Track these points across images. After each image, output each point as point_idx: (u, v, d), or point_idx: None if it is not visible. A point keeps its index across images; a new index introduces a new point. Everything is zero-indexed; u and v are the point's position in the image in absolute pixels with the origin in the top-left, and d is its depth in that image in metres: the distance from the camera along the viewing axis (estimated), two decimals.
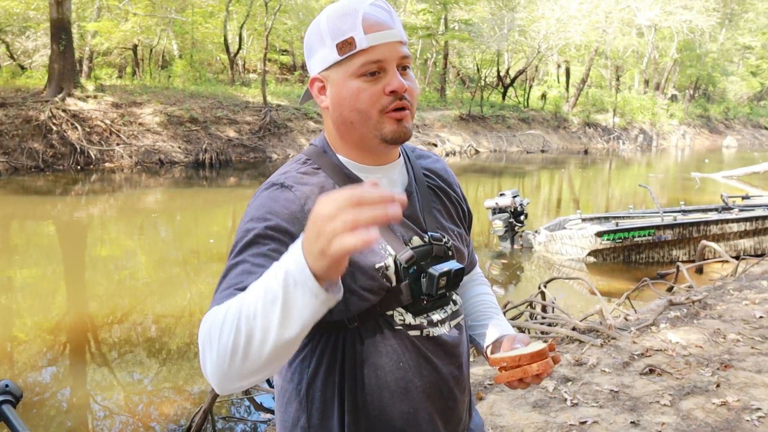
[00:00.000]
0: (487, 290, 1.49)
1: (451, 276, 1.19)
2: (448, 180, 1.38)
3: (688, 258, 8.79)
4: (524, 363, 1.15)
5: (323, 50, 1.15)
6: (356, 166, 1.22)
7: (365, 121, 1.15)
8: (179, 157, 18.43)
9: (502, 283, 8.20)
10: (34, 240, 10.38)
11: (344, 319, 1.16)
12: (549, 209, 14.43)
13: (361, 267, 1.13)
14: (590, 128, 33.80)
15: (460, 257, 1.30)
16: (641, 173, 22.99)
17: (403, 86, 1.13)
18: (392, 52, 1.13)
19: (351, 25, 1.11)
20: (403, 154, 1.31)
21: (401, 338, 1.18)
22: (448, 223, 1.31)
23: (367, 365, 1.16)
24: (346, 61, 1.13)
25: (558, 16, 30.63)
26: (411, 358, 1.18)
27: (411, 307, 1.19)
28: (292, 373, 1.21)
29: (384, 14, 1.16)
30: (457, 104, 30.05)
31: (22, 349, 5.70)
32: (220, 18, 25.91)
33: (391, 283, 1.16)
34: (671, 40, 38.30)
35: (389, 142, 1.16)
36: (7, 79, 21.07)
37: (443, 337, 1.22)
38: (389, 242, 1.18)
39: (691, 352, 4.14)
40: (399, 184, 1.27)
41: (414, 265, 1.18)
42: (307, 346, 1.19)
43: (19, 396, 1.24)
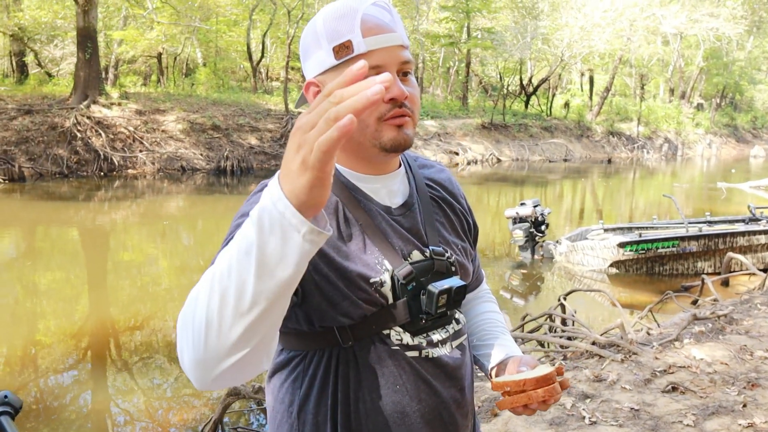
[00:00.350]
0: (494, 308, 1.42)
1: (452, 294, 1.12)
2: (453, 191, 1.31)
3: (713, 270, 8.61)
4: (529, 388, 1.07)
5: (319, 53, 1.08)
6: (354, 175, 1.15)
7: (362, 130, 1.08)
8: (201, 164, 18.57)
9: (522, 294, 8.09)
10: (58, 245, 10.50)
11: (337, 336, 1.09)
12: (571, 219, 14.25)
13: (352, 278, 1.06)
14: (614, 137, 33.45)
15: (464, 273, 1.23)
16: (666, 183, 22.66)
17: (403, 93, 1.06)
18: (392, 57, 1.06)
19: (349, 28, 1.04)
20: (404, 164, 1.25)
21: (398, 359, 1.11)
22: (451, 237, 1.24)
23: (362, 387, 1.09)
24: (342, 65, 1.06)
25: (582, 24, 30.39)
26: (409, 380, 1.11)
27: (409, 326, 1.12)
28: (284, 393, 1.15)
29: (385, 16, 1.09)
30: (479, 112, 29.92)
31: (45, 353, 5.77)
32: (244, 26, 26.15)
33: (386, 300, 1.10)
34: (697, 48, 37.83)
35: (388, 150, 1.09)
36: (34, 86, 21.45)
37: (444, 358, 1.15)
38: (386, 256, 1.11)
39: (716, 370, 4.00)
40: (399, 194, 1.19)
41: (413, 282, 1.11)
42: (299, 366, 1.13)
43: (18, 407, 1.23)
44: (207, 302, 0.79)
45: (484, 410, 3.44)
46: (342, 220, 1.10)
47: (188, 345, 0.81)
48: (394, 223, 1.14)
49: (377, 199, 1.15)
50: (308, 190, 0.74)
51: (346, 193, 1.13)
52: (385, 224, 1.13)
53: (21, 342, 5.95)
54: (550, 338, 4.72)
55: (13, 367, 5.43)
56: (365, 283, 1.07)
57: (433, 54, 34.50)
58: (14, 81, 23.35)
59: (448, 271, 1.16)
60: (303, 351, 1.13)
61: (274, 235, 0.75)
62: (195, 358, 0.81)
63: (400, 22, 1.11)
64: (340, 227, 1.09)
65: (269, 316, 0.80)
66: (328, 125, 0.71)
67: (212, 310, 0.78)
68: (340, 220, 1.10)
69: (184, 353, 0.83)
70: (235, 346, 0.80)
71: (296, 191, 0.74)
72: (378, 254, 1.10)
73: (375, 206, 1.14)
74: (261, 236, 0.76)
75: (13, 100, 17.91)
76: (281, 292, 0.78)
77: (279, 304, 0.80)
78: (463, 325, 1.24)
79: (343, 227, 1.09)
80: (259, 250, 0.76)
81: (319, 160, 0.72)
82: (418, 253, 1.14)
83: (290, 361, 1.14)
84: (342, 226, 1.09)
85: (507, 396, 1.09)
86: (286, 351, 1.16)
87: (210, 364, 0.81)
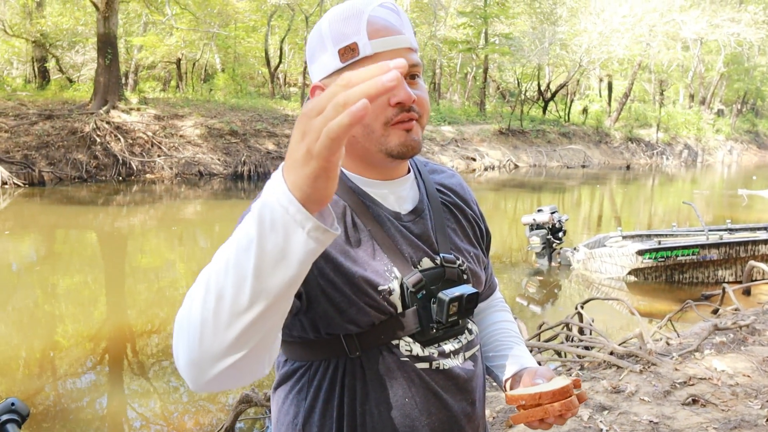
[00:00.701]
0: (508, 317, 1.37)
1: (463, 301, 1.08)
2: (464, 196, 1.27)
3: (734, 279, 8.47)
4: (545, 402, 1.03)
5: (324, 56, 1.05)
6: (362, 180, 1.12)
7: (368, 135, 1.04)
8: (218, 169, 18.67)
9: (539, 302, 8.00)
10: (76, 249, 10.60)
11: (344, 345, 1.05)
12: (589, 226, 14.12)
13: (360, 284, 1.03)
14: (633, 143, 33.17)
15: (476, 281, 1.19)
16: (686, 190, 22.41)
17: (410, 97, 1.02)
18: None
19: (354, 30, 1.01)
20: (413, 169, 1.21)
21: (407, 371, 1.07)
22: (463, 244, 1.20)
23: (369, 400, 1.06)
24: (348, 68, 1.02)
25: (600, 30, 30.22)
26: (418, 393, 1.07)
27: (419, 336, 1.08)
28: (288, 405, 1.11)
29: (393, 17, 1.06)
30: (497, 118, 29.84)
31: (63, 356, 5.82)
32: (262, 32, 26.32)
33: (395, 308, 1.06)
34: (718, 53, 37.43)
35: (395, 156, 1.05)
36: (55, 91, 21.72)
37: (455, 370, 1.11)
38: (395, 263, 1.07)
39: (738, 382, 3.91)
40: (409, 200, 1.16)
41: (423, 290, 1.07)
42: (303, 377, 1.10)
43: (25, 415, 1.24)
44: (203, 301, 0.76)
45: (498, 422, 3.38)
46: (350, 225, 1.07)
47: (183, 344, 0.78)
48: (403, 229, 1.11)
49: (386, 204, 1.12)
50: (312, 181, 0.69)
51: (354, 198, 1.09)
52: (394, 230, 1.10)
53: (39, 344, 6.00)
54: (566, 348, 4.65)
55: (32, 369, 5.48)
56: (373, 290, 1.04)
57: (450, 60, 34.50)
58: (36, 86, 23.67)
59: (459, 279, 1.13)
60: (308, 361, 1.09)
61: (275, 232, 0.71)
62: (190, 358, 0.78)
63: (408, 23, 1.08)
64: (348, 232, 1.06)
65: (268, 317, 0.76)
66: (337, 111, 0.66)
67: (208, 309, 0.75)
68: (348, 225, 1.07)
69: (179, 353, 0.79)
70: (232, 347, 0.76)
71: (300, 182, 0.70)
72: (387, 261, 1.07)
73: (384, 212, 1.11)
74: (261, 232, 0.72)
75: (35, 105, 18.15)
76: (282, 292, 0.75)
77: (279, 306, 0.76)
78: (476, 335, 1.20)
79: (351, 233, 1.06)
80: (259, 247, 0.72)
81: (326, 147, 0.67)
82: (428, 261, 1.11)
83: (295, 372, 1.11)
84: (350, 231, 1.06)
85: (522, 409, 1.05)
86: (290, 362, 1.13)
87: (205, 365, 0.78)
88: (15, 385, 5.15)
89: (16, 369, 5.48)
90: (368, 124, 1.04)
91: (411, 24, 1.09)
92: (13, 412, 1.17)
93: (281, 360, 1.15)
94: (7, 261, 9.36)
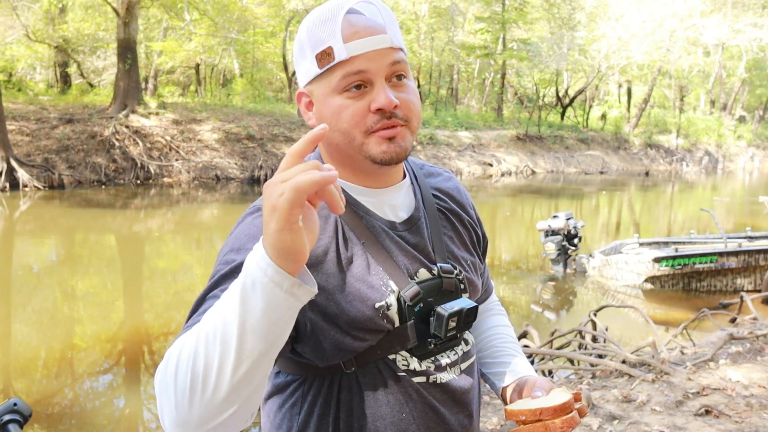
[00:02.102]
0: (505, 321, 1.34)
1: (462, 316, 1.06)
2: (461, 201, 1.23)
3: (753, 287, 8.35)
4: (546, 418, 1.00)
5: (305, 62, 1.03)
6: (354, 188, 1.08)
7: (350, 143, 1.01)
8: (235, 174, 18.79)
9: (553, 309, 7.95)
10: (95, 251, 10.72)
11: (340, 363, 1.03)
12: (607, 232, 14.00)
13: (355, 305, 0.99)
14: (652, 149, 32.84)
15: (473, 290, 1.16)
16: (705, 197, 22.14)
17: (390, 102, 0.98)
18: (378, 62, 0.99)
19: (330, 33, 0.98)
20: (409, 173, 1.17)
21: (404, 386, 1.04)
22: (460, 252, 1.16)
23: (365, 416, 1.03)
24: (327, 74, 1.00)
25: (619, 35, 29.98)
26: (415, 408, 1.04)
27: (416, 350, 1.05)
28: (281, 419, 1.08)
29: (371, 16, 1.01)
30: (515, 124, 29.70)
31: (81, 357, 5.89)
32: (280, 38, 26.46)
33: (392, 324, 1.02)
34: (740, 59, 36.94)
35: (380, 164, 1.02)
36: (76, 96, 22.03)
37: (452, 383, 1.08)
38: (391, 276, 1.03)
39: (753, 393, 3.85)
40: (404, 208, 1.12)
41: (420, 303, 1.04)
42: (297, 391, 1.07)
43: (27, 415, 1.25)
44: (191, 365, 0.77)
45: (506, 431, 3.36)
46: (342, 241, 1.03)
47: (170, 406, 0.79)
48: (399, 239, 1.07)
49: (380, 214, 1.08)
50: (277, 234, 0.73)
51: (346, 209, 1.05)
52: (389, 241, 1.06)
53: (58, 345, 6.07)
54: (578, 355, 4.60)
55: (50, 369, 5.55)
56: (370, 309, 1.00)
57: (468, 65, 34.41)
58: (58, 91, 24.01)
59: (456, 290, 1.10)
60: (302, 375, 1.07)
61: (255, 294, 0.75)
62: (177, 420, 0.79)
63: (392, 19, 1.03)
64: (340, 251, 1.02)
65: (255, 374, 0.78)
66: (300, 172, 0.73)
67: (197, 373, 0.76)
68: (339, 241, 1.03)
69: (165, 413, 0.80)
70: (221, 407, 0.78)
71: (269, 240, 0.74)
72: (383, 274, 1.03)
73: (378, 222, 1.07)
74: (244, 297, 0.75)
75: (56, 109, 18.42)
76: (266, 353, 0.77)
77: (263, 366, 0.78)
78: (472, 345, 1.17)
79: (343, 250, 1.02)
80: (243, 310, 0.75)
81: (287, 199, 0.71)
82: (425, 272, 1.08)
83: (288, 385, 1.08)
84: (341, 249, 1.02)
85: (522, 425, 1.02)
86: (283, 374, 1.10)
87: (192, 425, 0.79)
88: (33, 385, 5.21)
89: (35, 370, 5.55)
90: (348, 132, 1.01)
91: (396, 20, 1.04)
92: (15, 413, 1.18)
93: (273, 371, 1.12)
94: (27, 263, 9.49)
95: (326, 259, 1.00)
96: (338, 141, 1.03)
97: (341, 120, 1.00)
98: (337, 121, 1.01)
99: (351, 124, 1.00)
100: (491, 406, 3.70)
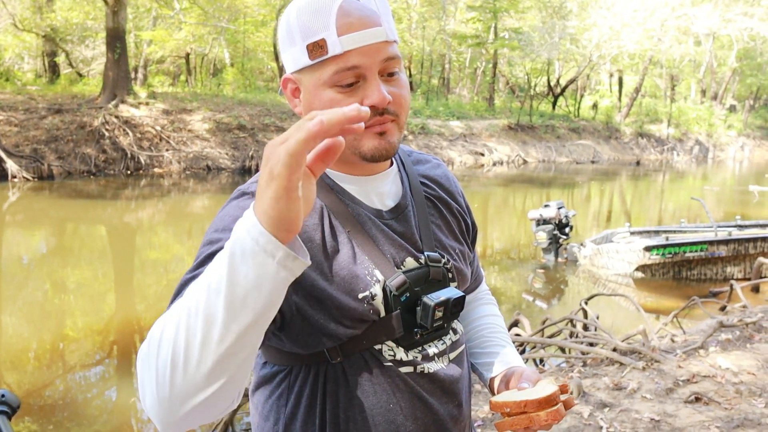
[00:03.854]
0: (494, 311, 1.33)
1: (449, 305, 1.04)
2: (450, 189, 1.21)
3: (743, 276, 8.41)
4: (530, 410, 0.99)
5: (294, 49, 0.98)
6: (340, 176, 1.06)
7: None
8: (226, 164, 18.71)
9: (545, 297, 7.97)
10: (85, 242, 10.66)
11: (325, 352, 1.01)
12: (598, 222, 14.05)
13: (339, 299, 0.98)
14: (643, 139, 32.96)
15: (462, 279, 1.14)
16: (696, 186, 22.24)
17: (384, 100, 0.96)
18: (372, 56, 0.96)
19: (323, 24, 0.94)
20: (397, 161, 1.16)
21: (391, 376, 1.03)
22: (448, 240, 1.14)
23: (352, 406, 1.01)
24: (318, 66, 0.97)
25: (611, 24, 29.98)
26: (403, 398, 1.03)
27: (402, 340, 1.04)
28: (268, 410, 1.07)
29: (367, 7, 0.98)
30: (506, 113, 29.70)
31: (72, 349, 5.87)
32: (271, 27, 26.27)
33: (378, 314, 1.01)
34: (730, 48, 37.04)
35: (370, 160, 1.00)
36: (65, 86, 21.84)
37: (440, 373, 1.07)
38: (377, 265, 1.02)
39: (742, 380, 3.88)
40: (391, 196, 1.10)
41: (407, 292, 1.02)
42: (284, 382, 1.05)
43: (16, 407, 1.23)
44: (174, 338, 0.74)
45: (489, 422, 3.37)
46: (327, 229, 1.01)
47: (151, 383, 0.76)
48: (385, 227, 1.06)
49: (366, 202, 1.07)
50: (275, 202, 0.69)
51: (332, 197, 1.04)
52: (375, 230, 1.05)
53: (49, 337, 6.05)
54: (569, 344, 4.62)
55: (41, 361, 5.53)
56: (353, 299, 0.99)
57: (459, 54, 34.35)
58: (46, 81, 23.78)
59: (444, 279, 1.08)
60: (288, 366, 1.05)
61: (245, 263, 0.71)
62: (159, 396, 0.76)
63: (387, 10, 1.00)
64: (325, 240, 1.01)
65: (240, 352, 0.75)
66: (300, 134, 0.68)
67: (178, 349, 0.73)
68: (325, 229, 1.01)
69: (147, 392, 0.77)
70: (202, 384, 0.75)
71: (264, 206, 0.69)
72: (368, 263, 1.01)
73: (364, 210, 1.05)
74: (232, 266, 0.71)
75: (44, 99, 18.24)
76: (253, 326, 0.74)
77: (250, 340, 0.75)
78: (461, 335, 1.15)
79: (329, 238, 1.01)
80: (230, 280, 0.71)
81: (285, 165, 0.67)
82: (411, 261, 1.06)
83: (275, 376, 1.07)
84: (327, 237, 1.01)
85: (507, 417, 1.02)
86: (269, 364, 1.08)
87: (175, 402, 0.76)
88: (24, 377, 5.19)
89: (25, 361, 5.52)
90: None
91: (389, 10, 1.02)
92: (2, 404, 1.17)
93: (259, 361, 1.11)
94: (17, 254, 9.43)
95: (311, 246, 0.99)
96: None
97: None
98: None
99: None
100: (482, 394, 3.71)
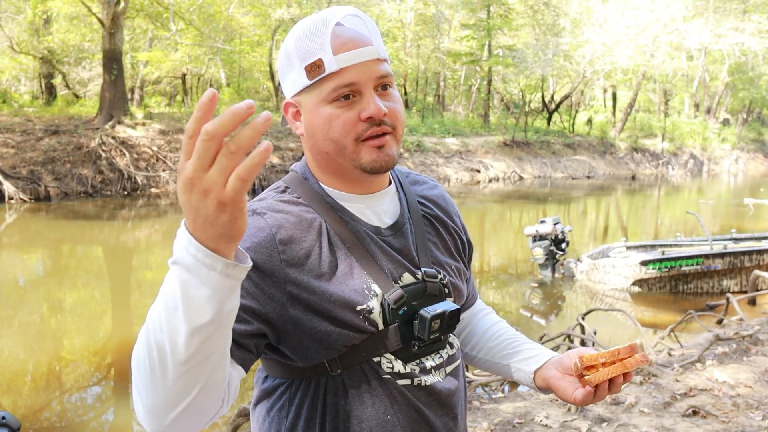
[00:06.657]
0: (501, 319, 1.37)
1: (445, 318, 1.07)
2: (446, 208, 1.25)
3: (739, 289, 8.42)
4: (625, 356, 1.05)
5: (293, 73, 1.05)
6: (340, 194, 1.10)
7: (341, 151, 1.04)
8: None
9: (542, 313, 7.98)
10: (82, 263, 10.64)
11: (325, 364, 1.05)
12: (595, 237, 14.08)
13: (336, 311, 1.02)
14: (638, 153, 33.12)
15: (458, 295, 1.18)
16: (691, 199, 22.33)
17: (380, 111, 1.02)
18: (367, 73, 1.02)
19: (319, 45, 1.01)
20: (394, 181, 1.20)
21: (389, 388, 1.06)
22: (444, 257, 1.19)
23: (351, 418, 1.05)
24: (316, 85, 1.03)
25: (603, 40, 30.25)
26: (400, 410, 1.06)
27: (400, 353, 1.07)
28: (269, 423, 1.10)
29: (358, 29, 1.05)
30: (501, 130, 29.84)
31: (69, 370, 5.86)
32: (267, 47, 26.46)
33: (375, 327, 1.05)
34: (722, 63, 37.39)
35: (369, 172, 1.05)
36: (62, 107, 21.90)
37: (437, 386, 1.10)
38: (375, 280, 1.06)
39: (739, 393, 3.89)
40: (389, 214, 1.15)
41: (404, 306, 1.06)
42: (284, 394, 1.09)
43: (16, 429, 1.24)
44: (147, 354, 0.80)
45: None
46: (326, 244, 1.05)
47: (138, 396, 0.84)
48: (383, 244, 1.10)
49: (365, 219, 1.11)
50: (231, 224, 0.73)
51: (332, 214, 1.08)
52: (373, 246, 1.08)
53: (45, 359, 6.03)
54: None
55: (38, 383, 5.51)
56: (351, 312, 1.02)
57: (454, 72, 34.58)
58: (43, 102, 23.86)
59: (441, 294, 1.12)
60: (289, 379, 1.09)
61: (193, 278, 0.76)
62: (146, 407, 0.83)
63: (376, 32, 1.07)
64: (323, 256, 1.04)
65: (209, 357, 0.80)
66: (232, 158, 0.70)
67: (153, 360, 0.80)
68: (323, 245, 1.05)
69: (137, 404, 0.85)
70: (182, 392, 0.81)
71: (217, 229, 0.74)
72: (366, 278, 1.05)
73: (363, 227, 1.09)
74: (182, 283, 0.76)
75: (41, 121, 18.31)
76: (216, 332, 0.79)
77: (216, 344, 0.80)
78: (457, 349, 1.19)
79: (328, 254, 1.04)
80: (184, 295, 0.76)
81: (237, 190, 0.70)
82: (409, 276, 1.10)
83: (275, 389, 1.10)
84: (326, 252, 1.04)
85: (596, 370, 1.07)
86: (270, 378, 1.12)
87: (160, 412, 0.83)
88: (21, 399, 5.17)
89: (23, 383, 5.50)
90: (339, 141, 1.03)
91: (379, 33, 1.08)
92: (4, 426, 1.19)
93: (261, 376, 1.14)
94: (13, 275, 9.41)
95: (308, 261, 1.02)
96: (329, 149, 1.05)
97: (332, 129, 1.03)
98: (329, 130, 1.04)
99: (342, 132, 1.03)
100: (481, 411, 3.71)
